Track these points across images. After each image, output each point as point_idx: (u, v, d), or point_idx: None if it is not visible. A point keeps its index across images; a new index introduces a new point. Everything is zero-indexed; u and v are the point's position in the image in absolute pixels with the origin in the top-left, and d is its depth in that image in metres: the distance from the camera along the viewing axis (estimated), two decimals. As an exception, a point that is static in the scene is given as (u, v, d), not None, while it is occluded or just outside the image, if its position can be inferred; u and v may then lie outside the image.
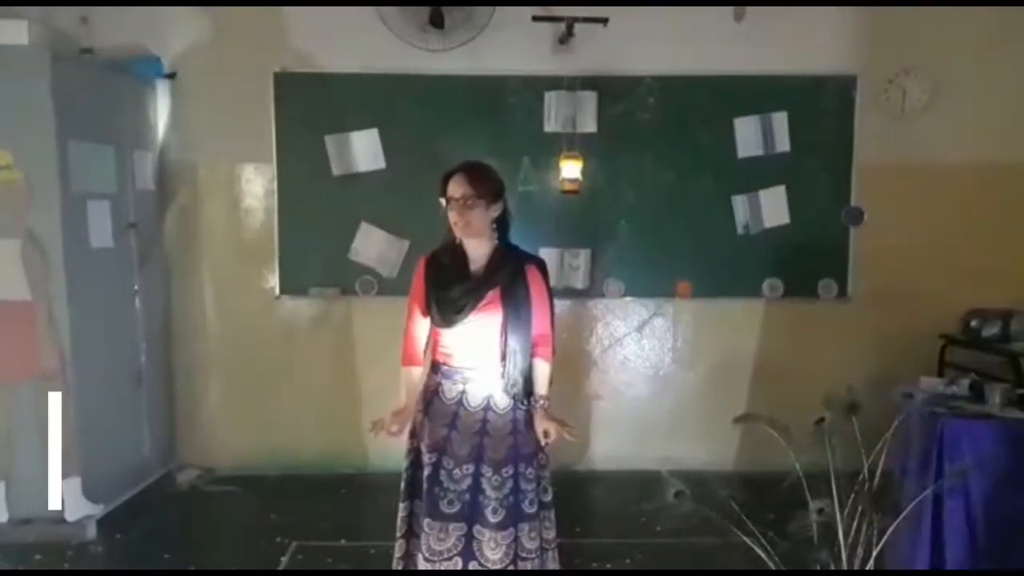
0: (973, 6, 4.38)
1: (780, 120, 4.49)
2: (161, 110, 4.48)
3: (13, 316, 3.62)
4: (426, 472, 2.53)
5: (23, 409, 3.67)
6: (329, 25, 4.40)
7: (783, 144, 4.51)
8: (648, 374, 4.72)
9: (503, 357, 2.52)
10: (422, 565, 2.50)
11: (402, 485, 2.64)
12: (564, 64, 4.44)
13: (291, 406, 4.64)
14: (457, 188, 2.45)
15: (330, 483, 4.50)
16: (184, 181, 4.55)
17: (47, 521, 3.67)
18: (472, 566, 2.46)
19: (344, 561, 3.48)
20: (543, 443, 2.52)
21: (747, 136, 4.50)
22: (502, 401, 2.54)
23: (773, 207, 4.55)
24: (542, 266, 2.63)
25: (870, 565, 2.19)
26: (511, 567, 2.48)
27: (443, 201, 2.49)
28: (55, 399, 3.66)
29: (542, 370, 2.57)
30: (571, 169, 4.35)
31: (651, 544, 3.64)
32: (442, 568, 2.45)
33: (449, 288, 2.51)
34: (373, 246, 4.52)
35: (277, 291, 4.57)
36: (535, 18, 4.30)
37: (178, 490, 4.41)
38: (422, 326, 2.61)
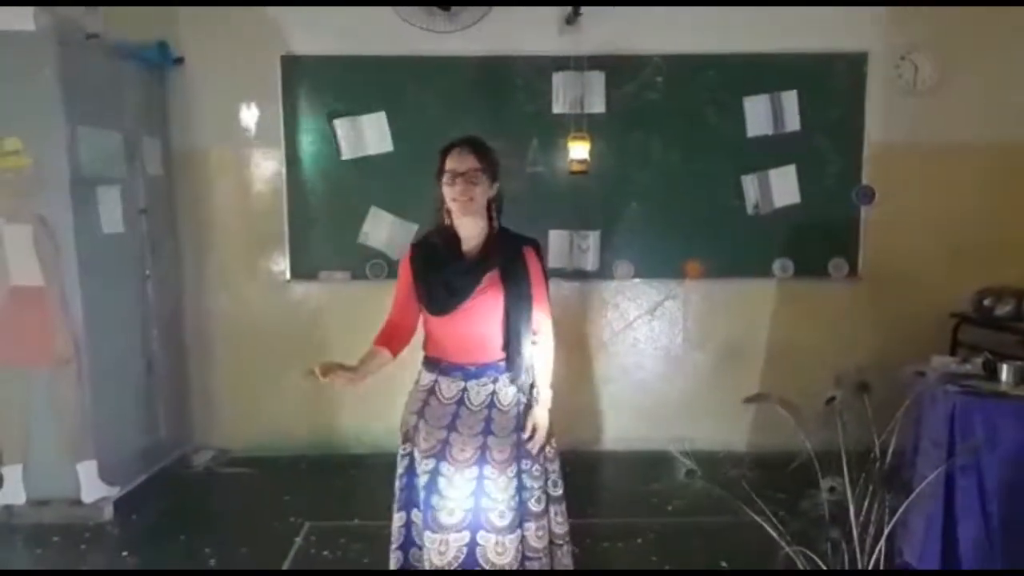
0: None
1: (790, 99, 4.46)
2: (169, 95, 4.48)
3: (27, 301, 3.65)
4: (422, 481, 2.35)
5: (38, 393, 3.71)
6: (335, 8, 4.37)
7: (793, 123, 4.47)
8: (659, 355, 4.72)
9: (506, 346, 2.34)
10: None
11: (395, 494, 2.45)
12: (572, 45, 4.40)
13: (302, 388, 4.65)
14: (462, 162, 2.28)
15: (341, 464, 4.54)
16: (193, 166, 4.56)
17: (64, 503, 3.73)
18: None
19: (357, 541, 3.51)
20: (526, 435, 2.37)
21: (756, 115, 4.47)
22: (506, 396, 2.37)
23: (783, 186, 4.52)
24: (538, 248, 2.46)
25: (881, 544, 2.19)
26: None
27: (443, 178, 2.30)
28: (69, 383, 3.70)
29: (545, 357, 2.43)
30: (579, 150, 4.33)
31: (662, 523, 3.67)
32: None
33: (441, 270, 2.32)
34: (382, 230, 4.52)
35: (287, 275, 4.59)
36: (542, -2, 4.28)
37: (193, 472, 4.47)
38: (406, 318, 2.42)
